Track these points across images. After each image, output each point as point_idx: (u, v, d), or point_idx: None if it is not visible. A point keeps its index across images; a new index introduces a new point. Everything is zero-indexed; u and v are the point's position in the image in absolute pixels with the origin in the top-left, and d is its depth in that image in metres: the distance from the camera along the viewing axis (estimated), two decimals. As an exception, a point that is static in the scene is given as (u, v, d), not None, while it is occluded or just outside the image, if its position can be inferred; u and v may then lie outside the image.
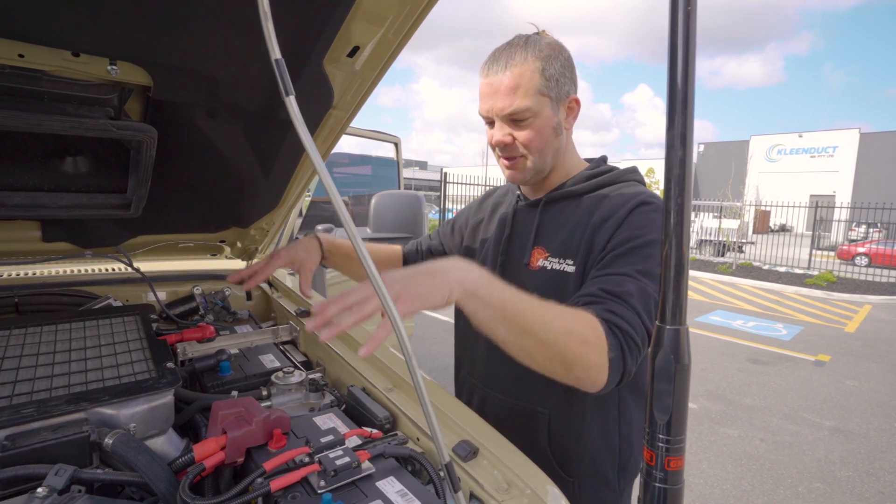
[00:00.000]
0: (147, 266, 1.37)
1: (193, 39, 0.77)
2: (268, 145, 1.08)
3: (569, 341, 0.73)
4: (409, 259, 1.32)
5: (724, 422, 4.07)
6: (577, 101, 1.00)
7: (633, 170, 1.06)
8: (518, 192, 1.13)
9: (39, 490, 0.60)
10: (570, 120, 1.00)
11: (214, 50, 0.80)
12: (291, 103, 0.45)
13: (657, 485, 0.50)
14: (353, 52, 0.85)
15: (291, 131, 1.04)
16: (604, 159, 1.10)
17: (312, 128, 1.04)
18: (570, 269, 0.96)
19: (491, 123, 0.98)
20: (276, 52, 0.45)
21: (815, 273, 12.20)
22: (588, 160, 1.11)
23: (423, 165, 52.64)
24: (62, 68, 0.75)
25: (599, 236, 0.92)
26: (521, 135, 0.95)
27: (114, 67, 0.78)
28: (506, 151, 0.99)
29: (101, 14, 0.68)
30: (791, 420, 4.16)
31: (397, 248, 1.34)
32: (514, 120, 0.95)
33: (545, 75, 0.93)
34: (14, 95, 0.75)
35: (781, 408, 4.40)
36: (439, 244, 1.30)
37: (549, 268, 0.99)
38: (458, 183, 11.83)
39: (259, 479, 0.66)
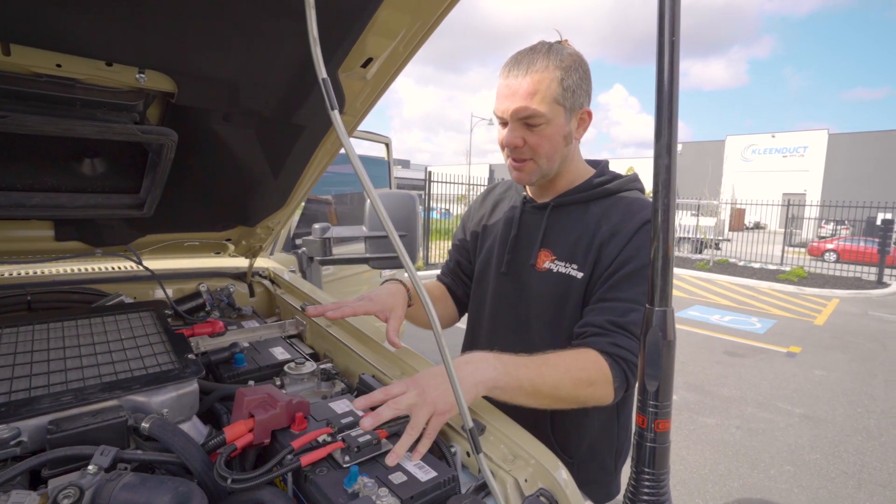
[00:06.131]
0: (152, 264, 1.40)
1: (219, 49, 0.82)
2: (279, 147, 1.13)
3: (578, 390, 0.89)
4: (452, 289, 1.32)
5: (702, 411, 4.25)
6: (590, 114, 1.04)
7: (635, 178, 1.12)
8: (524, 194, 1.17)
9: (90, 467, 0.65)
10: (581, 130, 1.05)
11: (238, 59, 0.85)
12: (336, 117, 0.51)
13: (648, 444, 0.58)
14: (367, 62, 0.91)
15: (303, 134, 1.10)
16: (606, 164, 1.15)
17: (323, 131, 1.10)
18: (576, 273, 1.02)
19: (504, 124, 1.02)
20: (322, 72, 0.51)
21: (788, 269, 12.66)
22: (590, 162, 1.16)
23: (405, 164, 52.43)
24: (95, 76, 0.79)
25: (608, 250, 0.99)
26: (532, 139, 1.00)
27: (142, 76, 0.83)
28: (515, 153, 1.03)
29: (137, 27, 0.73)
30: (764, 408, 4.36)
31: (439, 285, 1.34)
32: (528, 124, 0.99)
33: (563, 85, 0.96)
34: (50, 102, 0.79)
35: (755, 397, 4.60)
36: (465, 258, 1.31)
37: (555, 270, 1.06)
38: (442, 182, 11.88)
39: (289, 456, 0.72)
